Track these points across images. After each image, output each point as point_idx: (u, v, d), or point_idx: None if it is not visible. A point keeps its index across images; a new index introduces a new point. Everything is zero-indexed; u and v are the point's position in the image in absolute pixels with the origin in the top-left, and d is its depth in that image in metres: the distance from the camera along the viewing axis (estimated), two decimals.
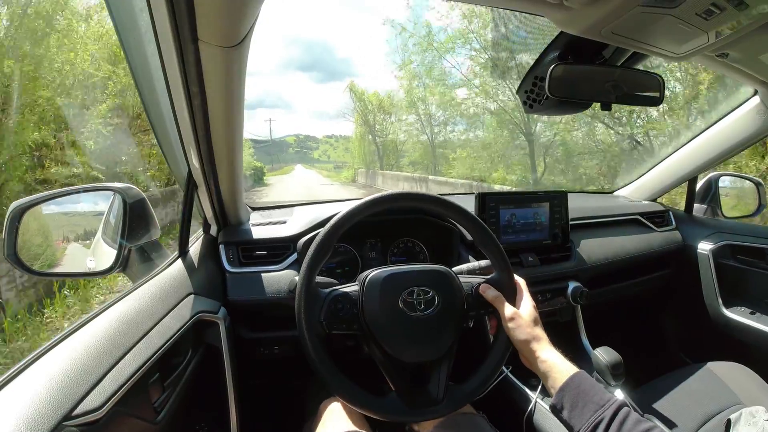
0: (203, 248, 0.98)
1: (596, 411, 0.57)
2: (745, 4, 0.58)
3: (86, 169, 5.87)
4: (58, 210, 0.88)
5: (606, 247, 1.27)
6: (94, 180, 5.69)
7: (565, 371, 0.63)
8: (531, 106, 0.91)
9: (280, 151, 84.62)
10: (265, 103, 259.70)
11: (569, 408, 0.60)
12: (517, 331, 0.68)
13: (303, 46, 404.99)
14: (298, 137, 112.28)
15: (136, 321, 0.66)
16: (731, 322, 1.28)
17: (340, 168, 43.37)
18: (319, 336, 0.66)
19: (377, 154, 21.58)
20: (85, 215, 0.95)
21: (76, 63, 6.20)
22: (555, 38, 0.80)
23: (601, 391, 0.60)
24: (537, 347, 0.66)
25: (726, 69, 0.94)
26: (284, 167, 56.61)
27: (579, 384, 0.61)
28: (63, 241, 0.96)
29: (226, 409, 0.85)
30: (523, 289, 0.74)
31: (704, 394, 0.92)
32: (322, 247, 0.69)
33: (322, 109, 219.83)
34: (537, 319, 0.70)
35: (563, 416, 0.61)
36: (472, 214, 0.75)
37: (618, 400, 0.58)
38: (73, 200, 0.86)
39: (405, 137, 18.76)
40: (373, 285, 0.69)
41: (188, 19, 0.48)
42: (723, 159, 1.35)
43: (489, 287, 0.72)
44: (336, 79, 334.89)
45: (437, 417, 0.71)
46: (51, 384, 0.49)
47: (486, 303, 0.72)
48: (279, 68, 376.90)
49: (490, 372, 0.72)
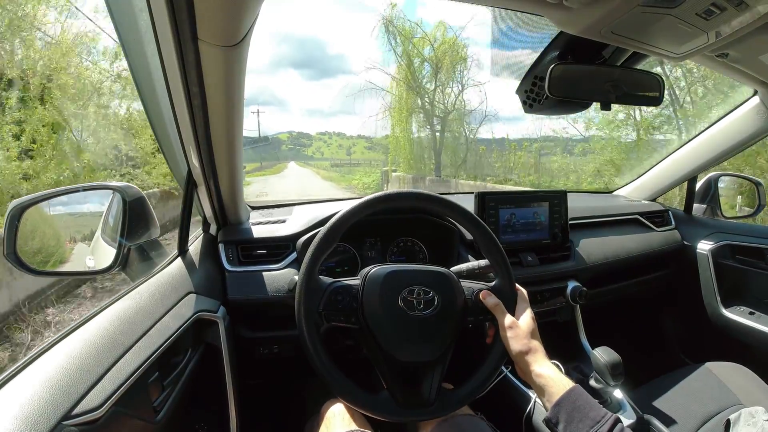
0: (203, 247, 0.98)
1: (592, 427, 0.57)
2: (745, 4, 0.58)
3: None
4: (58, 209, 0.88)
5: (605, 246, 1.27)
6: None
7: (561, 386, 0.62)
8: (531, 106, 0.91)
9: (273, 148, 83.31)
10: (258, 100, 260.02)
11: (565, 423, 0.60)
12: (513, 341, 0.68)
13: (295, 43, 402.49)
14: (291, 134, 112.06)
15: (136, 320, 0.66)
16: (730, 322, 1.28)
17: (339, 167, 40.44)
18: (317, 325, 0.66)
19: (434, 149, 12.03)
20: (84, 214, 0.95)
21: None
22: (555, 38, 0.80)
23: (596, 407, 0.60)
24: (533, 359, 0.66)
25: (726, 69, 0.94)
26: (276, 165, 52.55)
27: (575, 399, 0.61)
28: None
29: (225, 408, 0.85)
30: (523, 299, 0.74)
31: (703, 395, 0.92)
32: (326, 240, 0.69)
33: (316, 106, 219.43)
34: (535, 331, 0.70)
35: (558, 430, 0.61)
36: (477, 218, 0.75)
37: (613, 416, 0.58)
38: (73, 199, 0.86)
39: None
40: (375, 281, 0.69)
41: (188, 19, 0.48)
42: (723, 159, 1.35)
43: (490, 294, 0.72)
44: (329, 76, 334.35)
45: (427, 419, 0.71)
46: (50, 383, 0.49)
47: (485, 310, 0.72)
48: (271, 65, 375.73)
49: (483, 379, 0.72)
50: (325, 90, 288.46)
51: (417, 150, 12.40)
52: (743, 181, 1.62)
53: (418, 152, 12.42)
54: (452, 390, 0.71)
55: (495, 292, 0.73)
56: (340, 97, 29.36)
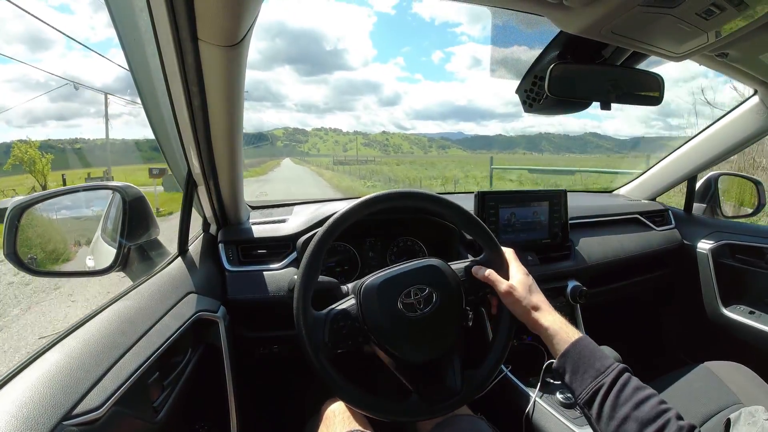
0: (203, 247, 0.98)
1: (596, 377, 0.58)
2: (745, 4, 0.58)
3: None
4: (58, 208, 0.88)
5: (605, 246, 1.27)
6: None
7: (568, 337, 0.63)
8: (530, 106, 0.91)
9: (270, 144, 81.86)
10: (252, 96, 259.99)
11: (571, 373, 0.61)
12: (515, 305, 0.69)
13: (290, 38, 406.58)
14: (287, 130, 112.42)
15: (136, 320, 0.66)
16: (730, 322, 1.28)
17: (343, 164, 36.12)
18: (329, 357, 0.65)
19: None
20: (84, 214, 0.95)
21: None
22: (555, 37, 0.80)
23: (602, 357, 0.60)
24: (538, 315, 0.67)
25: (726, 69, 0.94)
26: (269, 162, 47.89)
27: (581, 350, 0.62)
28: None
29: (225, 408, 0.85)
30: (511, 258, 0.75)
31: (703, 394, 0.92)
32: (311, 263, 0.67)
33: (311, 101, 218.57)
34: (532, 286, 0.71)
35: (565, 380, 0.62)
36: (450, 201, 0.76)
37: (619, 366, 0.58)
38: (73, 199, 0.86)
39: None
40: (370, 294, 0.68)
41: (188, 19, 0.48)
42: (722, 158, 1.35)
43: (480, 267, 0.73)
44: (324, 72, 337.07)
45: (461, 405, 0.72)
46: (50, 383, 0.49)
47: (481, 284, 0.73)
48: (266, 60, 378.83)
49: (501, 350, 0.73)
50: (320, 85, 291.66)
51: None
52: (743, 180, 1.62)
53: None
54: (475, 370, 0.72)
55: (485, 264, 0.74)
56: (336, 92, 28.11)
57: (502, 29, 0.84)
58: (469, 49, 50.25)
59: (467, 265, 0.75)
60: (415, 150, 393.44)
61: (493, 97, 42.97)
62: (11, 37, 32.80)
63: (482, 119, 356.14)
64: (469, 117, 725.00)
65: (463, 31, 41.23)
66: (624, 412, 0.54)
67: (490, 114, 48.07)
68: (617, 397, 0.55)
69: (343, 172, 30.70)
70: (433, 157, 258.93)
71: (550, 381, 0.94)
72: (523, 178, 13.29)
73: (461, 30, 38.00)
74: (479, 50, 38.03)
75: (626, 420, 0.53)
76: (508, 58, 0.89)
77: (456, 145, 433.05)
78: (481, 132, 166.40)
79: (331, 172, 32.71)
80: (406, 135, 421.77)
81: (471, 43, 36.91)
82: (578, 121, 34.90)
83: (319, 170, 35.30)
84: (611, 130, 38.69)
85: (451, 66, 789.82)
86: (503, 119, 37.23)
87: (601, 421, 0.56)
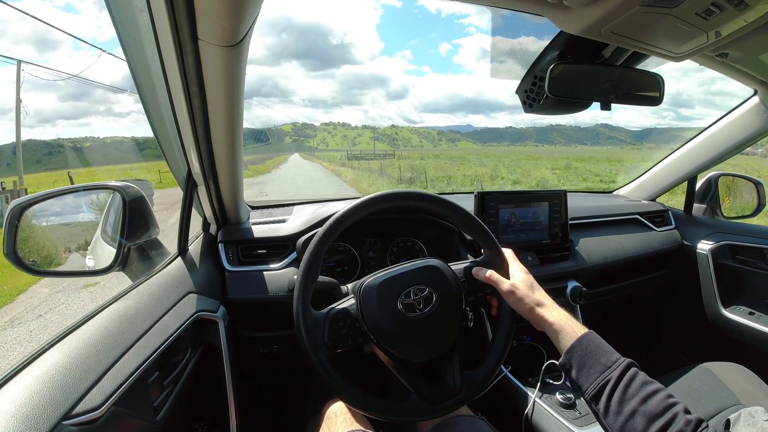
0: (203, 247, 0.98)
1: (603, 372, 0.58)
2: (745, 4, 0.58)
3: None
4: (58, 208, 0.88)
5: (605, 246, 1.27)
6: None
7: (574, 332, 0.63)
8: (530, 105, 0.91)
9: (277, 140, 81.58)
10: (261, 92, 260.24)
11: (577, 368, 0.60)
12: (518, 303, 0.69)
13: (296, 33, 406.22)
14: (296, 125, 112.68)
15: (136, 320, 0.66)
16: (730, 322, 1.28)
17: (359, 158, 27.03)
18: (329, 357, 0.65)
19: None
20: (85, 213, 0.95)
21: None
22: (555, 37, 0.80)
23: (608, 352, 0.60)
24: (543, 311, 0.67)
25: (726, 69, 0.94)
26: (275, 157, 43.22)
27: (587, 345, 0.61)
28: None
29: (225, 408, 0.85)
30: (511, 258, 0.75)
31: (703, 394, 0.92)
32: (311, 263, 0.67)
33: (319, 96, 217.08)
34: (533, 283, 0.71)
35: (572, 375, 0.61)
36: (450, 201, 0.76)
37: (626, 361, 0.58)
38: (73, 199, 0.86)
39: None
40: (370, 294, 0.68)
41: (188, 19, 0.48)
42: (722, 159, 1.35)
43: (481, 268, 0.73)
44: (331, 66, 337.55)
45: (461, 405, 0.72)
46: (50, 383, 0.49)
47: (481, 285, 0.73)
48: (273, 56, 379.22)
49: (501, 351, 0.73)
50: (328, 80, 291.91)
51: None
52: (743, 181, 1.62)
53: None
54: (475, 371, 0.72)
55: (485, 264, 0.74)
56: (344, 87, 25.29)
57: (503, 29, 0.84)
58: (476, 40, 50.29)
59: (467, 266, 0.75)
60: (424, 143, 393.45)
61: (502, 89, 43.66)
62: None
63: (491, 111, 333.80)
64: (478, 109, 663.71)
65: (470, 22, 41.62)
66: (631, 406, 0.54)
67: (500, 106, 48.61)
68: (624, 392, 0.55)
69: (365, 169, 24.15)
70: (453, 150, 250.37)
71: (550, 381, 0.94)
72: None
73: (468, 21, 38.07)
74: (487, 42, 38.11)
75: (634, 414, 0.53)
76: (508, 58, 0.89)
77: (466, 137, 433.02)
78: (490, 124, 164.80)
79: (351, 170, 26.07)
80: (415, 128, 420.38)
81: (479, 34, 37.16)
82: (589, 112, 35.73)
83: (333, 167, 29.07)
84: (622, 121, 39.02)
85: (458, 58, 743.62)
86: (512, 111, 37.24)
87: (609, 416, 0.56)
